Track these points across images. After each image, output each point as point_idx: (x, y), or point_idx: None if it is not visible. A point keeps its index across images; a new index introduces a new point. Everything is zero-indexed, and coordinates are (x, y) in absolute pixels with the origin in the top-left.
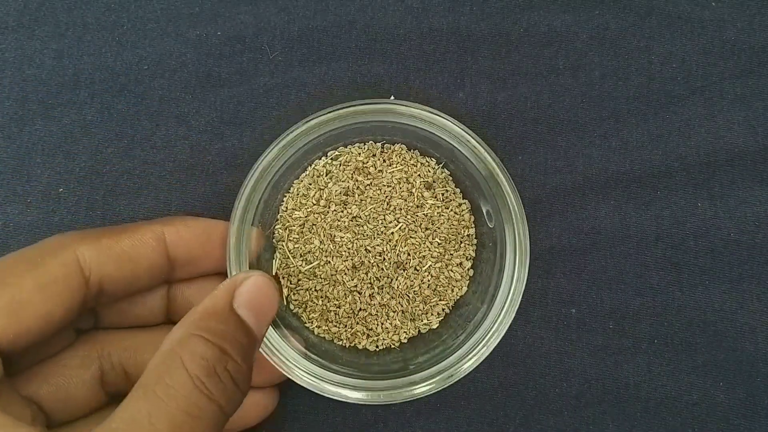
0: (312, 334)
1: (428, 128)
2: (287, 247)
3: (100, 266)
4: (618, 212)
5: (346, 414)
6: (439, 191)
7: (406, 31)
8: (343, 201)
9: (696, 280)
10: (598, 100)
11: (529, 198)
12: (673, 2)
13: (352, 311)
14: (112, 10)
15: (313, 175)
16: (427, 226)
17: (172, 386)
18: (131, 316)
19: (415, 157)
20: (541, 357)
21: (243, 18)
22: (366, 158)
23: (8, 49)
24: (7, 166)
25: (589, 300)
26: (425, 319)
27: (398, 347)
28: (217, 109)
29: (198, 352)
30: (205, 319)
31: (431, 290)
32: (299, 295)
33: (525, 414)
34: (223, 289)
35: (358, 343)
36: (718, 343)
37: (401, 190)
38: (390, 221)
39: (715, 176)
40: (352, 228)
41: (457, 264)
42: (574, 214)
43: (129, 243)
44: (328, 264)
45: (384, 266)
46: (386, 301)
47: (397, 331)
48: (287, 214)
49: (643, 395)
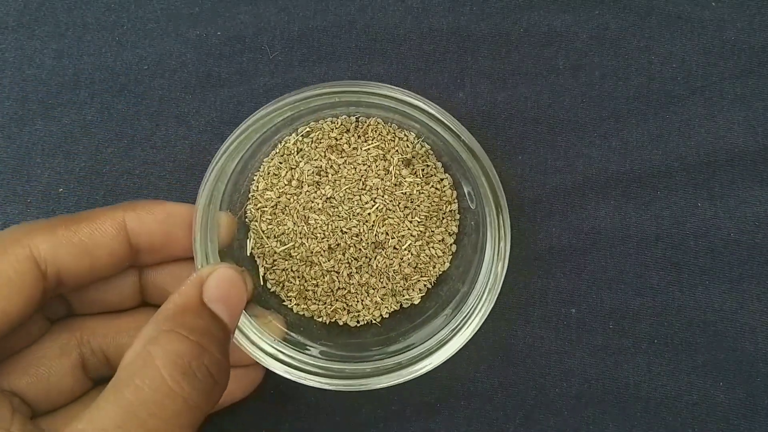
0: (291, 312)
1: (405, 109)
2: (260, 228)
3: (57, 258)
4: (618, 212)
5: (345, 413)
6: (419, 167)
7: (406, 31)
8: (316, 182)
9: (696, 280)
10: (598, 100)
11: (529, 198)
12: (673, 2)
13: (331, 290)
14: (112, 10)
15: (283, 154)
16: (405, 205)
17: (144, 388)
18: (105, 303)
19: (393, 131)
20: (541, 357)
21: (243, 18)
22: (339, 134)
23: (8, 49)
24: (7, 166)
25: (589, 300)
26: (407, 294)
27: (380, 323)
28: (217, 109)
29: (172, 350)
30: (179, 314)
31: (412, 268)
32: (276, 274)
33: (525, 414)
34: (191, 285)
35: (339, 319)
36: (718, 343)
37: (378, 169)
38: (366, 202)
39: (715, 176)
40: (326, 209)
41: (439, 240)
42: (574, 214)
43: (87, 232)
44: (303, 245)
45: (361, 246)
46: (365, 280)
47: (378, 307)
48: (258, 195)
49: (643, 395)
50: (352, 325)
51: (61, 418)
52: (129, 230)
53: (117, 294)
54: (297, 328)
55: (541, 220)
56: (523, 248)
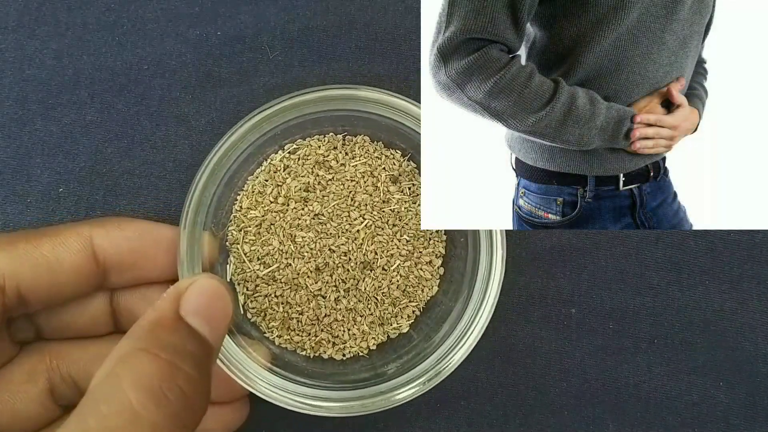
0: (272, 344)
1: (390, 115)
2: (242, 250)
3: (17, 273)
4: None
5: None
6: (406, 185)
7: (406, 31)
8: (304, 198)
9: (696, 280)
10: None
11: None
12: None
13: (316, 317)
14: (112, 10)
15: (269, 171)
16: (394, 222)
17: (109, 416)
18: (74, 327)
19: (379, 149)
20: (541, 357)
21: (243, 18)
22: (327, 151)
23: (8, 49)
24: (7, 166)
25: (589, 300)
26: (395, 323)
27: (367, 354)
28: (217, 109)
29: (141, 371)
30: (151, 331)
31: (400, 291)
32: (257, 302)
33: (525, 414)
34: (167, 298)
35: (323, 353)
36: (718, 343)
37: (366, 185)
38: (355, 218)
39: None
40: (314, 226)
41: (427, 262)
42: None
43: (49, 247)
44: (289, 267)
45: (350, 267)
46: (353, 305)
47: (365, 338)
48: (242, 214)
49: (643, 395)
50: (338, 358)
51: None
52: (96, 246)
53: (87, 318)
54: (280, 360)
55: None
56: (523, 248)
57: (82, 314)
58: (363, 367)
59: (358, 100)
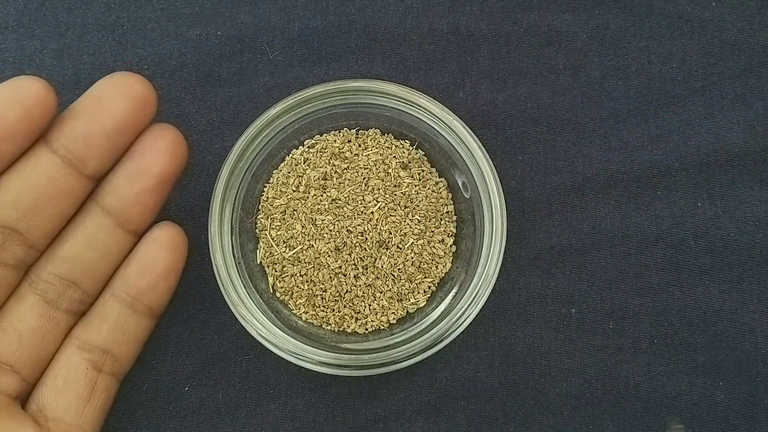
0: (300, 320)
1: (399, 106)
2: (270, 236)
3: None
4: (618, 212)
5: (345, 413)
6: (415, 171)
7: (406, 31)
8: (322, 185)
9: (696, 280)
10: (598, 100)
11: (529, 198)
12: (673, 2)
13: (339, 294)
14: (112, 10)
15: (291, 164)
16: (405, 204)
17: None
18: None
19: (390, 140)
20: (541, 357)
21: (243, 18)
22: (342, 144)
23: (8, 49)
24: None
25: (589, 300)
26: (412, 298)
27: (388, 328)
28: (217, 109)
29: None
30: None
31: (415, 267)
32: (284, 282)
33: (525, 414)
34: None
35: (347, 327)
36: (718, 343)
37: (378, 171)
38: (369, 201)
39: (714, 176)
40: (332, 210)
41: (439, 241)
42: (574, 214)
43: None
44: (311, 248)
45: (366, 246)
46: (371, 281)
47: (385, 312)
48: (268, 204)
49: (643, 395)
50: (361, 332)
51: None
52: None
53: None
54: (305, 332)
55: (541, 220)
56: (523, 248)
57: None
58: (383, 340)
59: (370, 92)
